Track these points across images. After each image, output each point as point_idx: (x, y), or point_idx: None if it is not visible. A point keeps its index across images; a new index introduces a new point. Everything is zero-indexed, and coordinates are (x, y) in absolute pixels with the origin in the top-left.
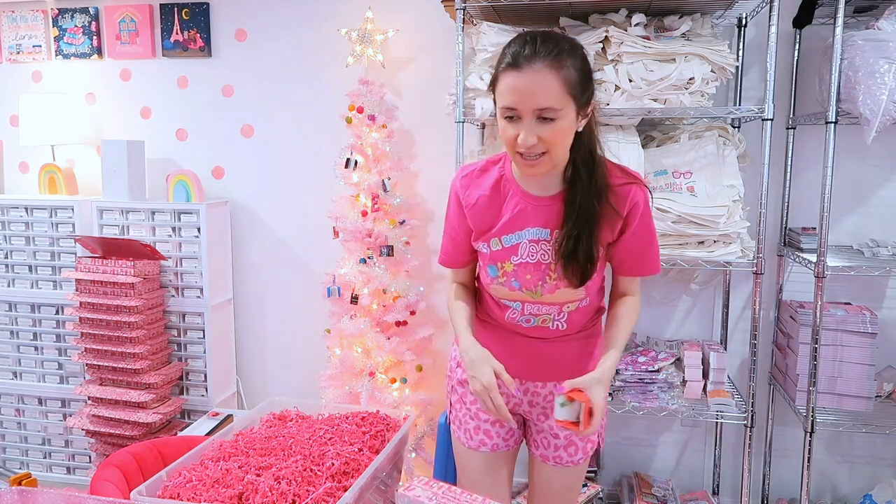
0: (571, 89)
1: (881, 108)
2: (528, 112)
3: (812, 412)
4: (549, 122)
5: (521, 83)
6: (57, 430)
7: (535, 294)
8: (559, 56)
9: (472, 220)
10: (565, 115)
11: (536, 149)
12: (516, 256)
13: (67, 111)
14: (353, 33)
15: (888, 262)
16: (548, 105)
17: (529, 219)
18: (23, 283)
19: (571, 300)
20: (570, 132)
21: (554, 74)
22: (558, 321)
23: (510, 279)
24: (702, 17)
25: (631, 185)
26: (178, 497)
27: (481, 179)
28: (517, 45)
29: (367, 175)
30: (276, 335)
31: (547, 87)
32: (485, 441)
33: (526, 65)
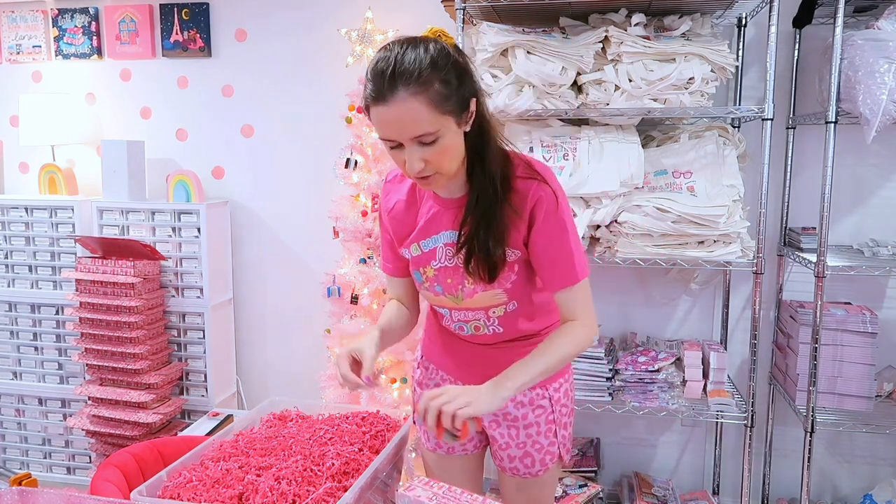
0: (443, 107)
1: (881, 108)
2: (406, 140)
3: (812, 412)
4: (431, 145)
5: (390, 116)
6: (57, 430)
7: (457, 299)
8: (420, 77)
9: (392, 225)
10: (445, 132)
11: (425, 171)
12: (435, 261)
13: (67, 111)
14: (353, 33)
15: (888, 262)
16: (423, 132)
17: (442, 222)
18: (23, 283)
19: (494, 304)
20: (457, 144)
21: (420, 100)
22: (491, 326)
23: (433, 284)
24: (702, 17)
25: (531, 182)
26: (178, 497)
27: (401, 185)
28: (377, 77)
29: (367, 175)
30: (276, 335)
31: (416, 115)
32: (440, 443)
33: (390, 96)
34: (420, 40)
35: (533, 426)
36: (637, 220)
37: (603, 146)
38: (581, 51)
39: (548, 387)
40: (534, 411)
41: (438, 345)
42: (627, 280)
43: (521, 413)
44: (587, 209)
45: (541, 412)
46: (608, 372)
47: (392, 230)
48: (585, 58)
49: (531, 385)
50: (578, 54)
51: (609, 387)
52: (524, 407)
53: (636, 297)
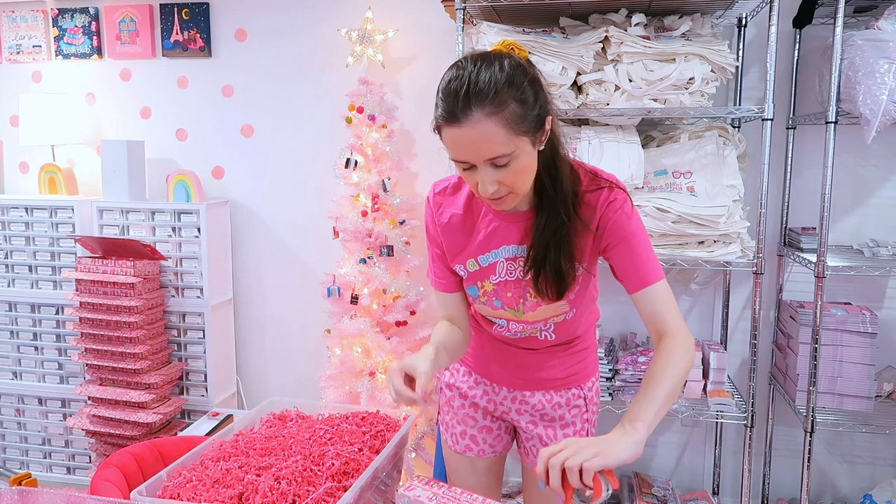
0: (519, 128)
1: (881, 108)
2: (480, 162)
3: (812, 412)
4: (506, 167)
5: (464, 137)
6: (57, 430)
7: (518, 312)
8: (496, 97)
9: (445, 239)
10: (520, 153)
11: (499, 192)
12: (495, 275)
13: (67, 111)
14: (353, 33)
15: (888, 262)
16: (497, 154)
17: (504, 236)
18: (23, 283)
19: (556, 314)
20: (531, 164)
21: (496, 121)
22: (546, 332)
23: (491, 298)
24: (702, 17)
25: (600, 191)
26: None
27: (455, 197)
28: (450, 98)
29: (367, 175)
30: (276, 335)
31: (491, 138)
32: (470, 446)
33: (464, 118)
34: (494, 56)
35: (570, 426)
36: None
37: (603, 146)
38: (581, 51)
39: (583, 386)
40: (570, 411)
41: (474, 347)
42: None
43: (558, 414)
44: None
45: (577, 412)
46: (608, 372)
47: (446, 244)
48: (585, 58)
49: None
50: (578, 54)
51: (609, 387)
52: (561, 408)
53: None
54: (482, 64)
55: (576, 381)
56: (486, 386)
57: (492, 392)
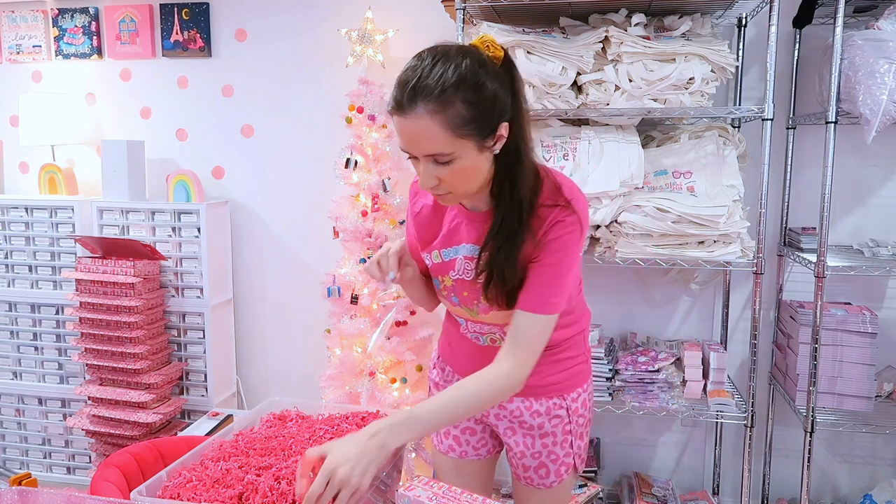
0: (461, 131)
1: (881, 108)
2: (420, 155)
3: (812, 412)
4: (446, 165)
5: (406, 129)
6: (57, 430)
7: (473, 312)
8: (442, 96)
9: (416, 229)
10: (461, 156)
11: (439, 189)
12: (454, 272)
13: (67, 111)
14: (353, 33)
15: (888, 262)
16: (436, 151)
17: (464, 234)
18: (23, 283)
19: (509, 322)
20: (475, 167)
21: (438, 119)
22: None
23: (450, 294)
24: (702, 17)
25: (555, 208)
26: (178, 497)
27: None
28: (400, 87)
29: (367, 175)
30: (276, 335)
31: (432, 136)
32: (453, 447)
33: (409, 109)
34: (456, 53)
35: (549, 436)
36: (637, 220)
37: (603, 146)
38: (581, 51)
39: (565, 396)
40: (550, 420)
41: (457, 348)
42: (627, 280)
43: (537, 422)
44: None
45: (557, 422)
46: (608, 372)
47: (416, 234)
48: (585, 58)
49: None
50: (578, 54)
51: (609, 387)
52: (540, 416)
53: (636, 297)
54: (440, 59)
55: (557, 391)
56: None
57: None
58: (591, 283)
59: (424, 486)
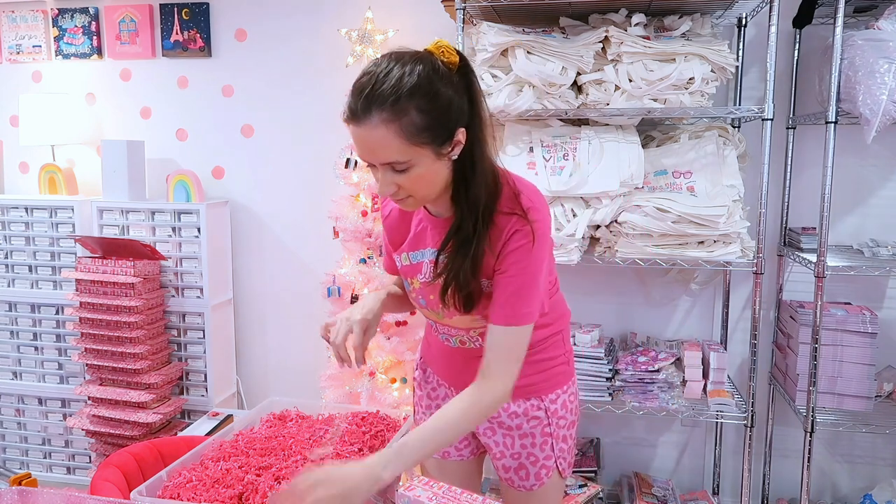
0: (416, 138)
1: (881, 108)
2: (377, 163)
3: (812, 412)
4: (403, 172)
5: (362, 138)
6: (57, 430)
7: (439, 315)
8: (396, 104)
9: (387, 231)
10: (418, 163)
11: (398, 195)
12: (420, 275)
13: (67, 111)
14: (353, 33)
15: (888, 262)
16: (392, 160)
17: (429, 238)
18: (23, 283)
19: (474, 327)
20: (433, 173)
21: (392, 128)
22: (474, 342)
23: (418, 297)
24: (702, 17)
25: (511, 217)
26: (178, 497)
27: None
28: (354, 95)
29: (367, 175)
30: (276, 335)
31: (387, 144)
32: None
33: (363, 118)
34: (411, 59)
35: (528, 437)
36: (637, 220)
37: (603, 146)
38: (581, 51)
39: (543, 398)
40: (528, 422)
41: (434, 350)
42: (627, 280)
43: (515, 423)
44: (587, 209)
45: (536, 423)
46: (608, 372)
47: (387, 236)
48: (585, 58)
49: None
50: (578, 54)
51: (609, 387)
52: (518, 417)
53: (636, 297)
54: (395, 65)
55: (535, 392)
56: (447, 388)
57: (451, 395)
58: (592, 283)
59: (424, 487)
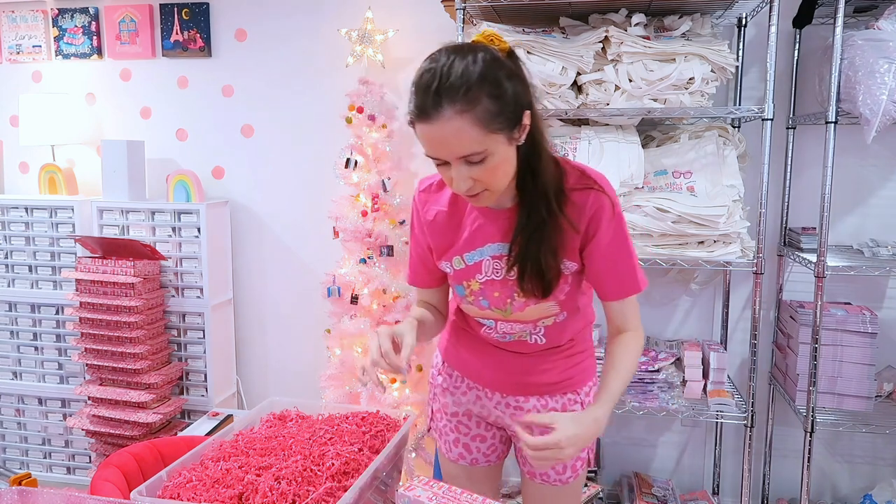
0: (492, 125)
1: (881, 108)
2: (452, 159)
3: (812, 412)
4: (480, 164)
5: (435, 134)
6: (57, 430)
7: (506, 312)
8: (468, 94)
9: (431, 237)
10: (494, 151)
11: (474, 189)
12: (481, 274)
13: (67, 111)
14: (353, 33)
15: (888, 262)
16: (469, 152)
17: (489, 234)
18: (23, 283)
19: (545, 316)
20: (507, 161)
21: (467, 119)
22: (535, 335)
23: (478, 298)
24: (702, 17)
25: (588, 192)
26: (178, 497)
27: (440, 194)
28: (421, 93)
29: (367, 175)
30: (276, 335)
31: (463, 136)
32: (464, 455)
33: (435, 114)
34: (469, 49)
35: None
36: (637, 220)
37: (603, 146)
38: (581, 51)
39: (578, 391)
40: None
41: (468, 352)
42: None
43: None
44: None
45: None
46: None
47: (433, 242)
48: (585, 58)
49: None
50: (578, 54)
51: None
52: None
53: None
54: (455, 57)
55: (571, 386)
56: (480, 391)
57: (485, 398)
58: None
59: (424, 486)
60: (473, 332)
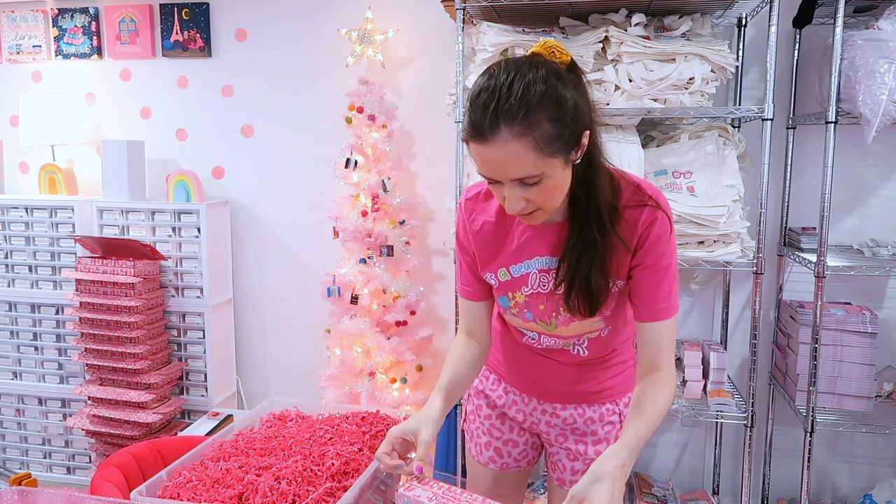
0: (550, 148)
1: (881, 108)
2: (506, 180)
3: (812, 412)
4: (534, 185)
5: (490, 156)
6: (57, 430)
7: (550, 326)
8: (527, 116)
9: (476, 247)
10: (550, 174)
11: (527, 209)
12: (527, 287)
13: (67, 111)
14: (353, 33)
15: (888, 262)
16: (524, 175)
17: (537, 247)
18: (23, 283)
19: (590, 331)
20: (563, 183)
21: (525, 143)
22: (579, 347)
23: (523, 310)
24: (702, 17)
25: (643, 209)
26: (178, 497)
27: (487, 204)
28: (478, 112)
29: (367, 175)
30: (276, 335)
31: (519, 160)
32: (494, 459)
33: (491, 136)
34: (530, 66)
35: (602, 442)
36: None
37: None
38: (581, 51)
39: (618, 401)
40: (603, 427)
41: (515, 363)
42: None
43: (590, 429)
44: None
45: (610, 428)
46: None
47: (477, 252)
48: (585, 58)
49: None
50: (578, 54)
51: None
52: (594, 423)
53: None
54: (515, 75)
55: (611, 396)
56: (516, 396)
57: (521, 403)
58: None
59: (424, 486)
60: (515, 339)
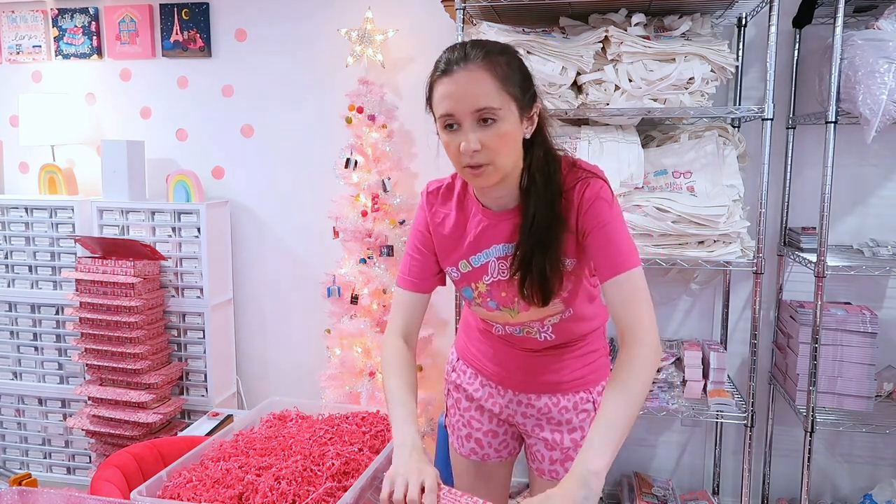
0: (508, 86)
1: (881, 108)
2: (466, 115)
3: (812, 412)
4: (491, 126)
5: (455, 87)
6: (57, 430)
7: (513, 312)
8: (489, 55)
9: (437, 239)
10: (506, 116)
11: (480, 157)
12: (487, 276)
13: (67, 111)
14: (353, 33)
15: (888, 262)
16: (485, 105)
17: (493, 236)
18: (23, 283)
19: (551, 314)
20: (515, 137)
21: (487, 72)
22: (544, 333)
23: (486, 299)
24: (702, 17)
25: (577, 183)
26: (178, 497)
27: (447, 197)
28: (447, 53)
29: (367, 175)
30: (276, 335)
31: (482, 86)
32: (475, 450)
33: (458, 68)
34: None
35: (577, 430)
36: (637, 220)
37: (603, 146)
38: (581, 51)
39: (591, 390)
40: (578, 415)
41: (483, 349)
42: None
43: (565, 418)
44: None
45: (585, 416)
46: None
47: (438, 245)
48: (585, 58)
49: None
50: (578, 54)
51: None
52: (569, 412)
53: None
54: (478, 41)
55: (584, 385)
56: (492, 388)
57: (497, 395)
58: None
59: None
60: (487, 332)
